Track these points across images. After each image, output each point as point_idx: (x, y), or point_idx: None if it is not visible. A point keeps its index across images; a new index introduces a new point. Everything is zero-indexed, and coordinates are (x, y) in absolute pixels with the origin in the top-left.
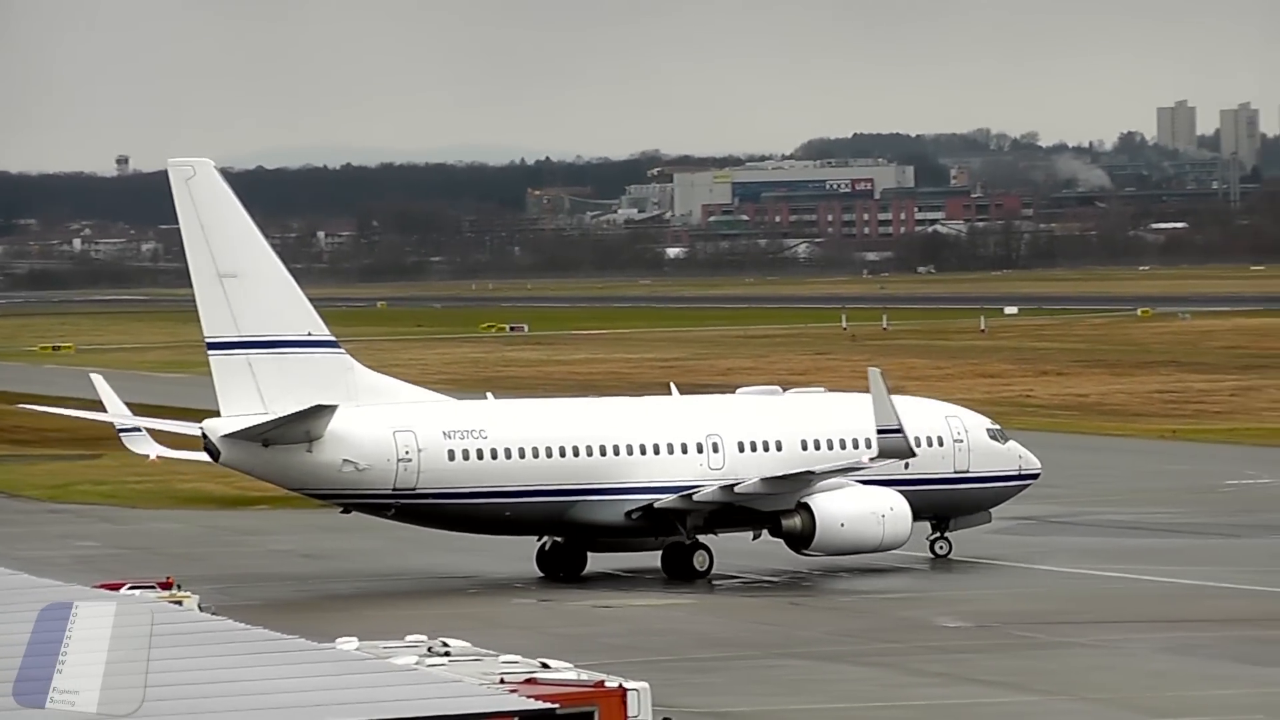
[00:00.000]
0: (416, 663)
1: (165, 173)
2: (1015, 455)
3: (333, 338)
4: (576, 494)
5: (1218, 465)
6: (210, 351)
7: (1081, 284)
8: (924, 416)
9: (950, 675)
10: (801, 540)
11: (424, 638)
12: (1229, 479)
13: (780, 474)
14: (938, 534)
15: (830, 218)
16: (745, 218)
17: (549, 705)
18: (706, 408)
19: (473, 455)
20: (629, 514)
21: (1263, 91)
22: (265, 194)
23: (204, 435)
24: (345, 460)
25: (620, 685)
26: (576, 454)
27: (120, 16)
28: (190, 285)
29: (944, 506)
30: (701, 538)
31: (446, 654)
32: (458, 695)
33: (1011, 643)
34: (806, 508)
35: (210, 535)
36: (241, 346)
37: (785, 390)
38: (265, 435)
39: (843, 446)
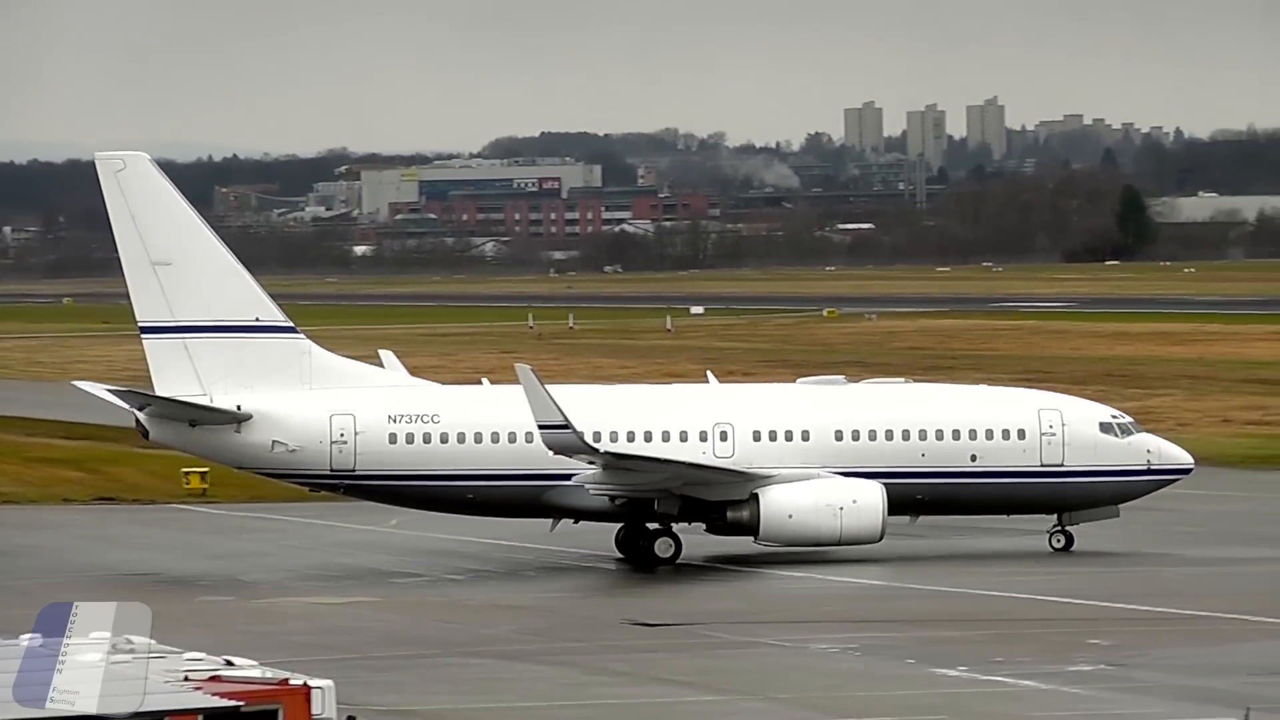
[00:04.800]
0: (100, 660)
1: None
2: (1142, 450)
3: (288, 323)
4: (551, 479)
5: None
6: (143, 335)
7: (768, 284)
8: (1010, 409)
9: (636, 675)
10: (750, 532)
11: (108, 634)
12: None
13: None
14: (1056, 527)
15: (518, 216)
16: (432, 216)
17: (233, 703)
18: (725, 396)
19: (418, 439)
20: (613, 499)
21: (948, 93)
22: None
23: (135, 414)
24: (275, 441)
25: (305, 683)
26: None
27: None
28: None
29: (1034, 500)
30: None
31: (130, 651)
32: (141, 693)
33: (698, 642)
34: (756, 499)
35: None
36: (177, 331)
37: (856, 381)
38: (166, 415)
39: (888, 439)
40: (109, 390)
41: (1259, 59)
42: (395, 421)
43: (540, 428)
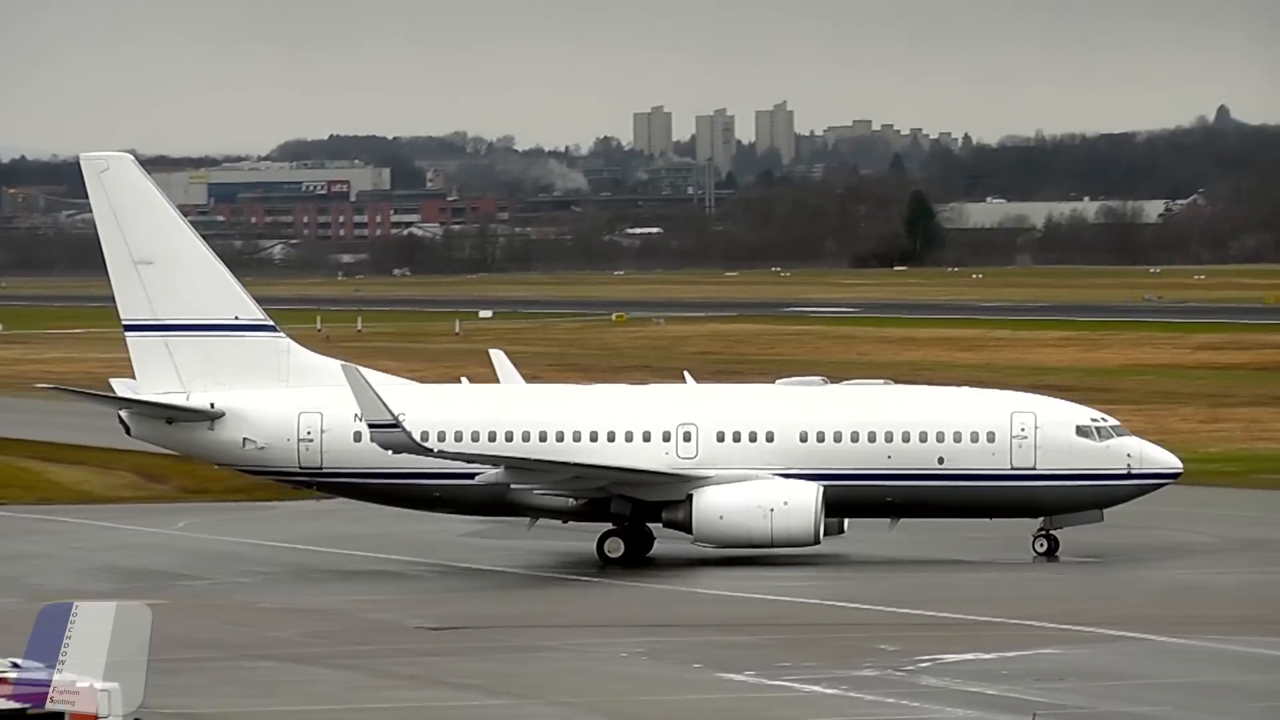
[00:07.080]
0: None
1: None
2: (1122, 454)
3: (268, 321)
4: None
5: None
6: (127, 333)
7: (556, 288)
8: (983, 411)
9: (421, 678)
10: (686, 532)
11: None
12: None
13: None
14: (1041, 531)
15: (306, 219)
16: (221, 218)
17: (19, 705)
18: (695, 396)
19: None
20: (575, 499)
21: (737, 98)
22: None
23: (118, 412)
24: (246, 439)
25: (91, 685)
26: (510, 439)
27: None
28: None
29: (1006, 504)
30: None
31: None
32: None
33: (485, 645)
34: (690, 499)
35: None
36: (158, 329)
37: (838, 382)
38: (145, 413)
39: (853, 440)
40: (67, 390)
41: (1047, 66)
42: (361, 420)
43: (370, 427)
